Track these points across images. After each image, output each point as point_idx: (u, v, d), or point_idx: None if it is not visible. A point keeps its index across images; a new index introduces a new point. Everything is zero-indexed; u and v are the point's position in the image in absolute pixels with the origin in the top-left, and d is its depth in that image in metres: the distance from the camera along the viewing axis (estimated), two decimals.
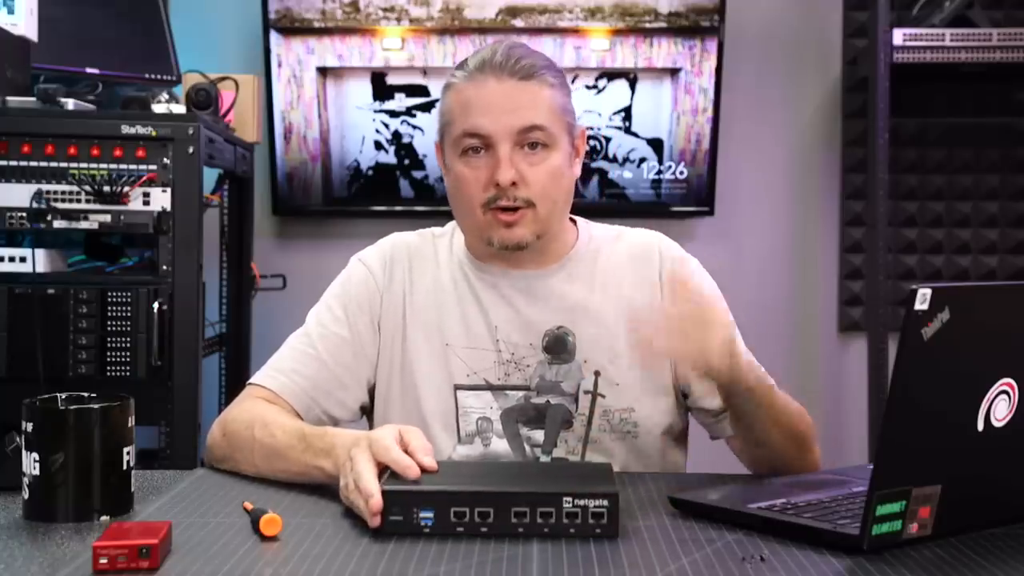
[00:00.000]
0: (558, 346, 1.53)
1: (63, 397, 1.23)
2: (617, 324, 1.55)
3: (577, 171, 1.57)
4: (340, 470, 1.25)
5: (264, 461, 1.40)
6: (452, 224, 1.64)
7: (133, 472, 1.22)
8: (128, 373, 2.33)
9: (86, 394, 1.24)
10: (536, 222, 1.50)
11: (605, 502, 1.12)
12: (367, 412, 1.62)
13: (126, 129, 2.34)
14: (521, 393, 1.53)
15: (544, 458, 1.52)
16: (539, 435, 1.53)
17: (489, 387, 1.53)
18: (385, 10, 3.22)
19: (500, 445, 1.53)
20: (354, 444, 1.24)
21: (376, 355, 1.57)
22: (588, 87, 3.26)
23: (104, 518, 1.18)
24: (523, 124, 1.47)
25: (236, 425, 1.46)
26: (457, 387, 1.54)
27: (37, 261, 2.31)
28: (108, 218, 2.34)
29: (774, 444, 1.46)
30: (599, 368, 1.53)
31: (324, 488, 1.30)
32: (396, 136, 3.27)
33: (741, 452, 1.54)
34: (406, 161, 3.28)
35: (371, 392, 1.59)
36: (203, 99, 2.56)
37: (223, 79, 2.84)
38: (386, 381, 1.57)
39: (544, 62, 1.51)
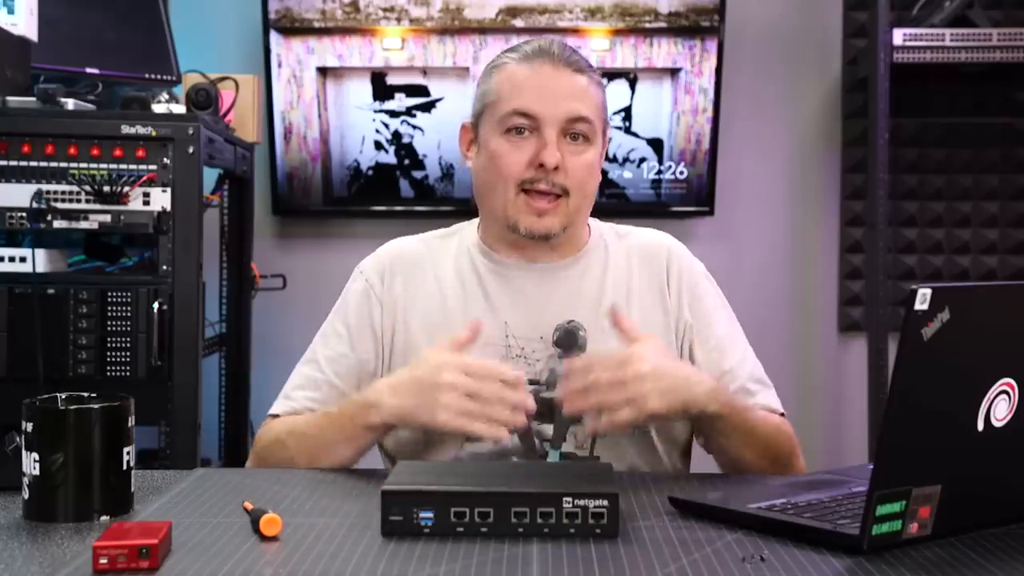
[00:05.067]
0: (569, 340, 1.53)
1: (63, 397, 1.22)
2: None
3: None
4: (412, 386, 1.38)
5: (307, 444, 1.46)
6: (460, 224, 1.66)
7: (133, 472, 1.22)
8: (128, 373, 2.33)
9: (86, 394, 1.23)
10: (566, 213, 1.54)
11: (605, 502, 1.12)
12: None
13: (126, 129, 2.35)
14: (531, 388, 1.53)
15: (553, 453, 1.52)
16: (549, 430, 1.53)
17: None
18: (385, 10, 3.21)
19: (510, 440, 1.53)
20: (415, 367, 1.40)
21: (380, 367, 1.59)
22: None
23: (104, 518, 1.17)
24: (573, 114, 1.52)
25: (264, 448, 1.52)
26: None
27: (37, 261, 2.31)
28: (108, 218, 2.34)
29: (749, 464, 1.49)
30: None
31: (324, 488, 1.30)
32: (396, 136, 3.27)
33: (722, 466, 1.56)
34: (406, 161, 3.28)
35: None
36: (203, 99, 2.56)
37: (223, 79, 2.84)
38: None
39: (589, 62, 1.58)
